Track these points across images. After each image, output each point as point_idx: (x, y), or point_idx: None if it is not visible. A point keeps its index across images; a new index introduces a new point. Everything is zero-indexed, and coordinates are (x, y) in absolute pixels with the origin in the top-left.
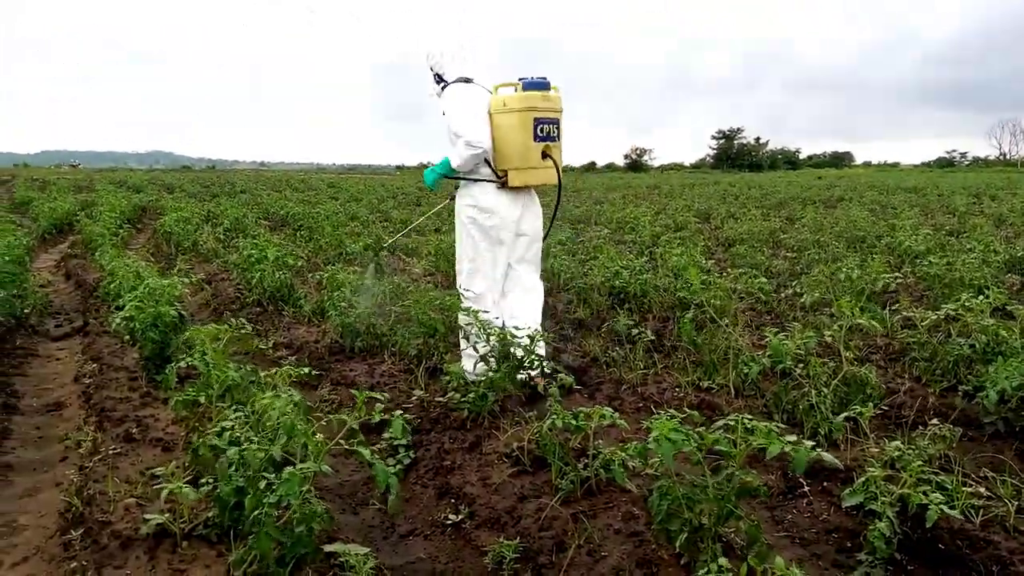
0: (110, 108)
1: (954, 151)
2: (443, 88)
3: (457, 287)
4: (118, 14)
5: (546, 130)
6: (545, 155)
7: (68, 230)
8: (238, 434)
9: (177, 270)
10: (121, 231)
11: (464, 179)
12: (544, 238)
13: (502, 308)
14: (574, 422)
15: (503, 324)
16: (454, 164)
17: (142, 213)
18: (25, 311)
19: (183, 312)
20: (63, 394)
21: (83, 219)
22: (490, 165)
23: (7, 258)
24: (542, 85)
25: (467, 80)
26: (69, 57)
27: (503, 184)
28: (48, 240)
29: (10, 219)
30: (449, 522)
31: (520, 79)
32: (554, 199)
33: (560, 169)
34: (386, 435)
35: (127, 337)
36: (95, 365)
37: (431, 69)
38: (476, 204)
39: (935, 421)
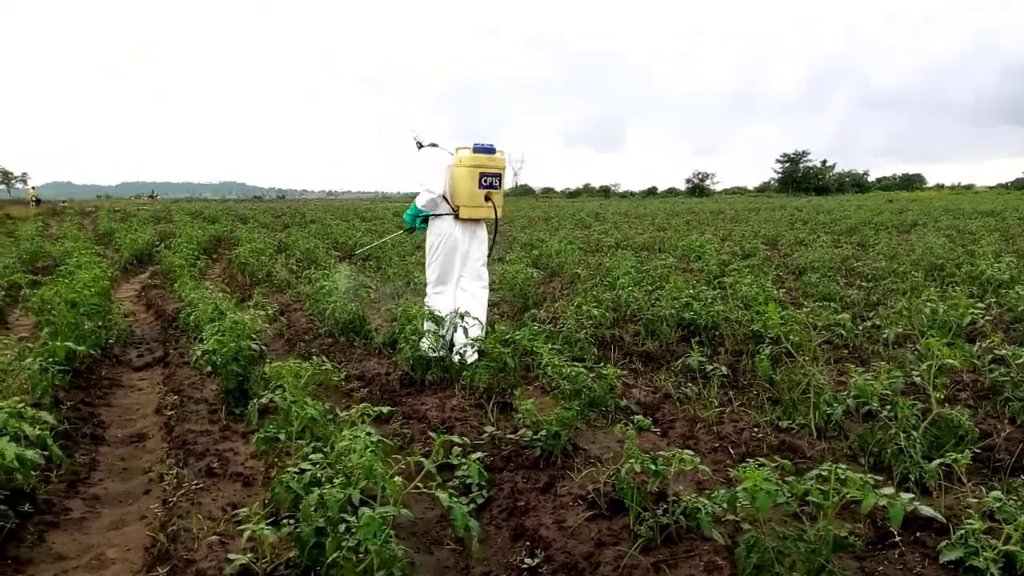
0: (185, 140)
1: None
2: (419, 149)
3: (426, 288)
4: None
5: (489, 180)
6: (487, 198)
7: (148, 260)
8: (318, 475)
9: (255, 303)
10: (198, 262)
11: (431, 215)
12: (489, 255)
13: (457, 304)
14: (653, 466)
15: (456, 313)
16: (419, 205)
17: (217, 243)
18: (109, 341)
19: (262, 346)
20: (146, 425)
21: (162, 250)
22: (448, 203)
23: (94, 290)
24: (489, 150)
25: (434, 144)
26: (145, 91)
27: (457, 217)
28: (129, 270)
29: (95, 251)
30: (525, 566)
31: (474, 144)
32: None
33: (497, 208)
34: (459, 473)
35: (208, 369)
36: (176, 397)
37: (413, 137)
38: (439, 231)
39: None
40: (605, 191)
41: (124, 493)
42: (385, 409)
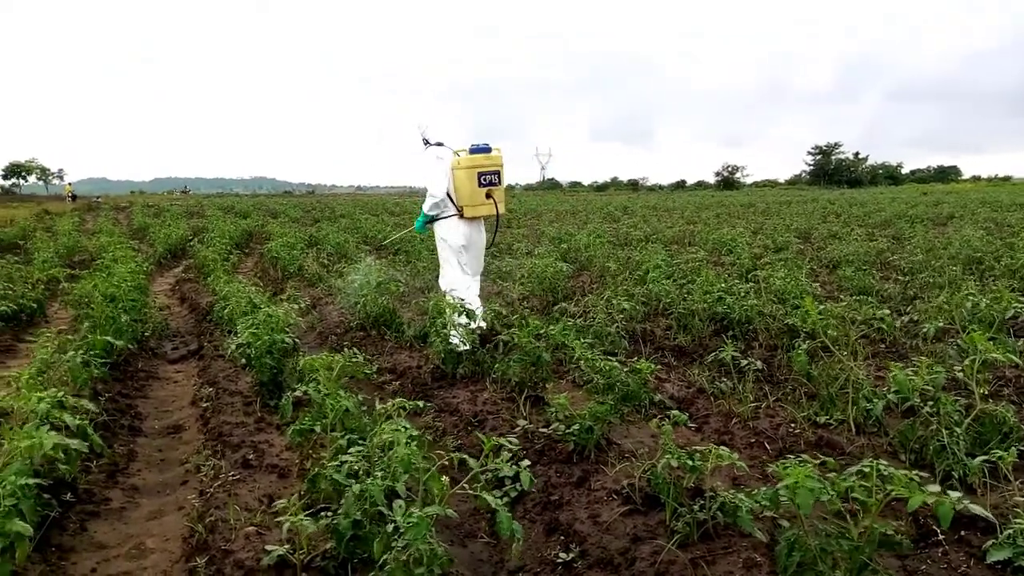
0: (216, 136)
1: None
2: (426, 147)
3: (439, 286)
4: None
5: (488, 179)
6: (488, 196)
7: (181, 255)
8: (356, 467)
9: (287, 296)
10: (231, 256)
11: (438, 218)
12: (488, 248)
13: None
14: (689, 461)
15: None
16: (425, 210)
17: (249, 238)
18: (145, 334)
19: (295, 340)
20: (182, 417)
21: (196, 244)
22: (453, 203)
23: (130, 284)
24: (484, 150)
25: (439, 143)
26: (177, 88)
27: (461, 216)
28: (163, 264)
29: (130, 245)
30: (560, 561)
31: (471, 145)
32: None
33: (498, 204)
34: (492, 465)
35: (242, 362)
36: (211, 389)
37: (420, 135)
38: (448, 229)
39: None
40: (633, 185)
41: (162, 484)
42: (421, 403)
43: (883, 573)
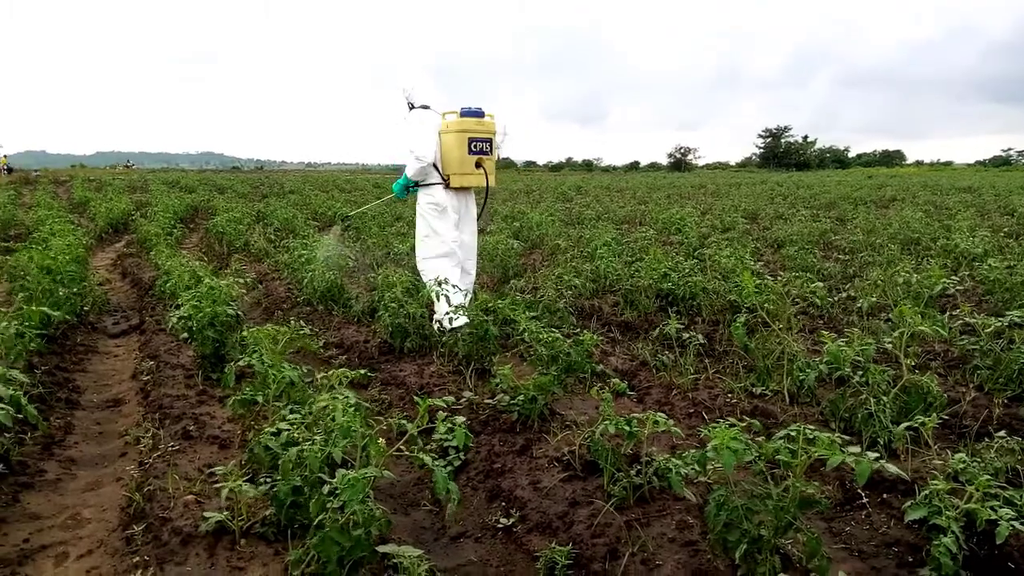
0: (162, 110)
1: (1011, 149)
2: (410, 110)
3: (416, 261)
4: (166, 16)
5: (479, 147)
6: (478, 165)
7: (124, 229)
8: (295, 435)
9: (232, 271)
10: (175, 231)
11: (421, 185)
12: (478, 222)
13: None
14: (627, 428)
15: (436, 281)
16: (409, 174)
17: (194, 213)
18: (85, 309)
19: (239, 312)
20: (122, 390)
21: (138, 219)
22: (438, 171)
23: (68, 257)
24: (477, 113)
25: (425, 107)
26: (120, 60)
27: (447, 185)
28: (105, 239)
29: (69, 219)
30: (500, 526)
31: (461, 108)
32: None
33: (489, 176)
34: (436, 436)
35: (184, 335)
36: (152, 363)
37: (405, 98)
38: (430, 199)
39: (1002, 433)
40: (588, 165)
41: (100, 456)
42: (362, 372)
43: (807, 531)
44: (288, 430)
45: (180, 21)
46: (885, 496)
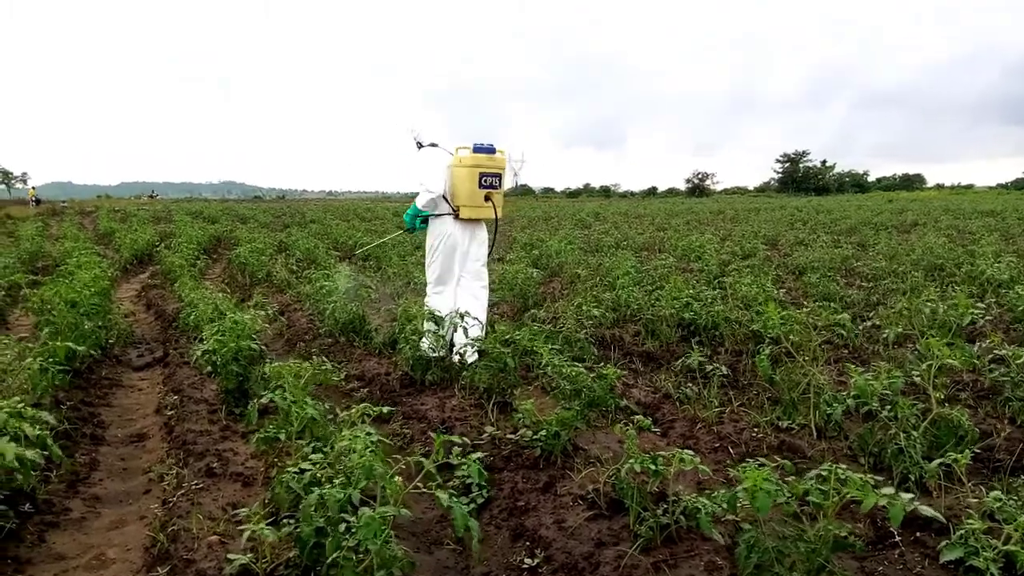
0: (185, 140)
1: None
2: (419, 149)
3: (427, 288)
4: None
5: (489, 181)
6: (487, 198)
7: (148, 260)
8: (318, 475)
9: (255, 303)
10: (198, 262)
11: (431, 215)
12: (488, 255)
13: (457, 304)
14: (652, 466)
15: (456, 312)
16: (419, 205)
17: (217, 243)
18: (109, 341)
19: (262, 346)
20: (146, 425)
21: (162, 250)
22: (448, 203)
23: (94, 290)
24: (488, 150)
25: (434, 144)
26: (143, 91)
27: (457, 217)
28: (129, 270)
29: (95, 251)
30: (525, 566)
31: (474, 144)
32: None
33: (497, 208)
34: (459, 472)
35: (208, 369)
36: (176, 397)
37: (413, 138)
38: (439, 231)
39: None
40: (605, 191)
41: (124, 493)
42: (385, 409)
43: (840, 574)
44: (311, 470)
45: (202, 51)
46: (919, 535)
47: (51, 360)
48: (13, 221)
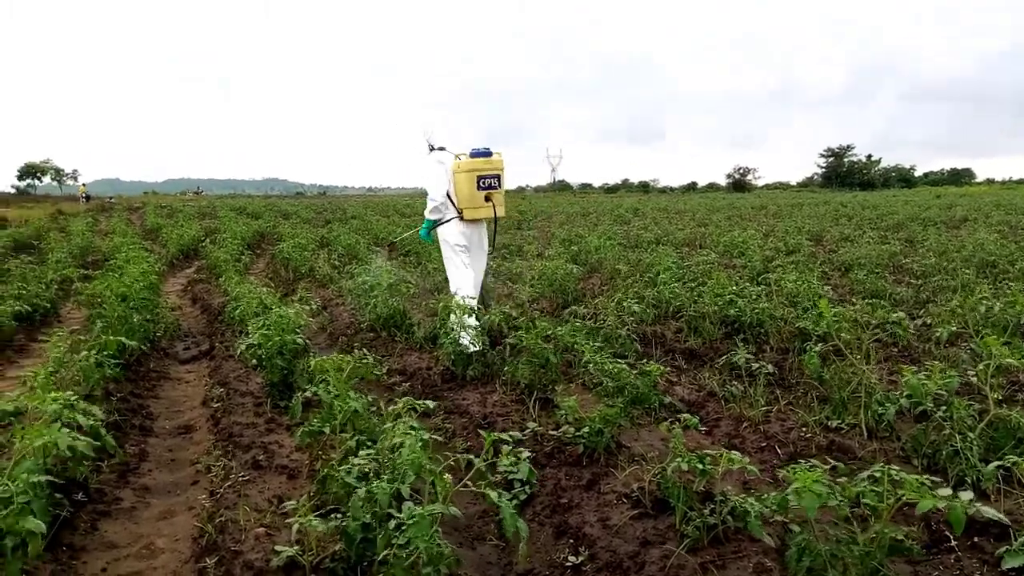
0: (229, 137)
1: None
2: (430, 151)
3: (450, 287)
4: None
5: (487, 182)
6: (487, 199)
7: (194, 255)
8: (366, 469)
9: (299, 297)
10: (243, 257)
11: (443, 221)
12: (489, 251)
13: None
14: (700, 465)
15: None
16: (427, 215)
17: (261, 239)
18: (157, 335)
19: (306, 340)
20: (192, 417)
21: (208, 245)
22: (454, 204)
23: (142, 284)
24: (485, 154)
25: (442, 148)
26: (190, 90)
27: (462, 218)
28: (176, 265)
29: (143, 246)
30: (569, 564)
31: (471, 150)
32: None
33: (497, 208)
34: (500, 468)
35: (253, 363)
36: (222, 390)
37: (425, 140)
38: (449, 231)
39: None
40: (644, 187)
41: (172, 484)
42: (430, 404)
43: None
44: (360, 464)
45: (245, 54)
46: (976, 539)
47: (104, 354)
48: (64, 217)
